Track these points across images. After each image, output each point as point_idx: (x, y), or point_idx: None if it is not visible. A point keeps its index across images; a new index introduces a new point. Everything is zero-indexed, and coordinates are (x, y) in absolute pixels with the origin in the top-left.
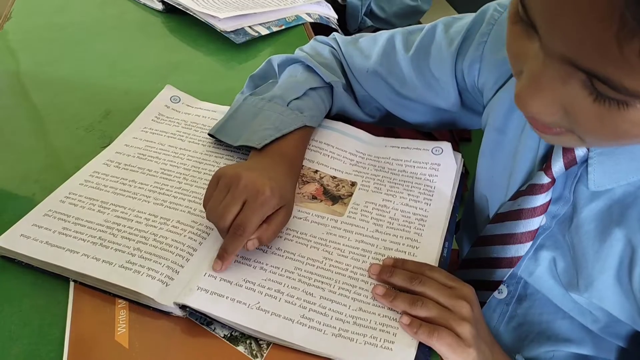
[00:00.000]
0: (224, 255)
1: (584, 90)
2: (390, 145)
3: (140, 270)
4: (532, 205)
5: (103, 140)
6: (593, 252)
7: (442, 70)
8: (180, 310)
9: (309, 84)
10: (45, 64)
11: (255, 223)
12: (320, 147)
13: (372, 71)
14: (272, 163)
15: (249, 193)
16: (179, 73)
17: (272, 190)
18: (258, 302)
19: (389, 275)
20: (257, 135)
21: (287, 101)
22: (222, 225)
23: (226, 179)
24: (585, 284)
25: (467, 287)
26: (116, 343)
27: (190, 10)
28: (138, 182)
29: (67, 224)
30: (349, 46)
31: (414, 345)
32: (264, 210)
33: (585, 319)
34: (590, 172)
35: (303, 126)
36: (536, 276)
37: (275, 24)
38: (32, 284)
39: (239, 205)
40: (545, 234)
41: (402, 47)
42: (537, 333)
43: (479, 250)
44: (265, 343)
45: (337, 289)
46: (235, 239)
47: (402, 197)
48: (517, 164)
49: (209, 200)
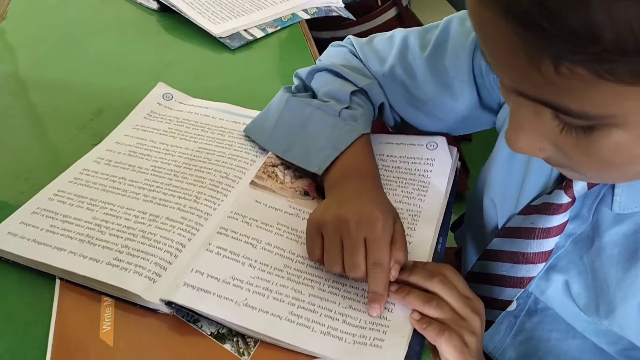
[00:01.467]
0: (377, 298)
1: (555, 121)
2: (385, 142)
3: (128, 267)
4: (547, 225)
5: (95, 139)
6: (616, 279)
7: (459, 67)
8: (166, 307)
9: (348, 89)
10: (39, 63)
11: (387, 254)
12: None
13: (389, 74)
14: (357, 187)
15: (366, 229)
16: (173, 71)
17: (381, 212)
18: (245, 298)
19: (408, 274)
20: (314, 157)
21: (338, 111)
22: (359, 275)
23: (331, 226)
24: (606, 310)
25: (480, 301)
26: (100, 341)
27: (185, 14)
28: (128, 180)
29: (54, 221)
30: (364, 48)
31: (404, 345)
32: (387, 236)
33: (600, 340)
34: (617, 193)
35: (360, 136)
36: (548, 295)
37: (271, 24)
38: (18, 281)
39: (363, 247)
40: (559, 254)
41: (417, 47)
42: (544, 351)
43: (486, 265)
44: (252, 340)
45: (326, 287)
46: (379, 277)
47: (396, 194)
48: (531, 174)
49: (316, 251)
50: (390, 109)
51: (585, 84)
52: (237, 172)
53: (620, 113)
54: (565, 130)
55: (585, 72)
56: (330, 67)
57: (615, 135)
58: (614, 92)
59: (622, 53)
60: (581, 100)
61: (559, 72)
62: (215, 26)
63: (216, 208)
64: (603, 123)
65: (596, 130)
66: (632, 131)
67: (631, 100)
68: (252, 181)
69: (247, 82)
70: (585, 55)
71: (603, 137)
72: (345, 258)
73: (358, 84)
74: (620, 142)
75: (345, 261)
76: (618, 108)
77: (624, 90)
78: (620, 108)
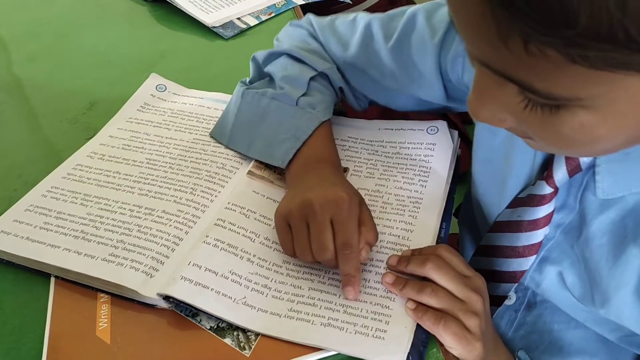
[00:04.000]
0: (350, 280)
1: (519, 96)
2: (384, 128)
3: (124, 263)
4: (534, 217)
5: (87, 133)
6: (607, 268)
7: (425, 63)
8: (164, 302)
9: (306, 74)
10: (29, 57)
11: (356, 233)
12: None
13: (351, 62)
14: (318, 174)
15: (331, 210)
16: (166, 62)
17: (346, 192)
18: (244, 296)
19: (405, 265)
20: (276, 150)
21: (295, 99)
22: (328, 257)
23: (297, 213)
24: (601, 300)
25: (480, 278)
26: (97, 338)
27: (177, 4)
28: (122, 174)
29: (48, 218)
30: (325, 31)
31: (407, 335)
32: (354, 215)
33: (601, 328)
34: (598, 180)
35: (321, 123)
36: (544, 288)
37: (264, 11)
38: (13, 280)
39: (330, 228)
40: (550, 245)
41: (381, 37)
42: (548, 343)
43: (480, 261)
44: (253, 334)
45: (326, 279)
46: (349, 259)
47: (396, 180)
48: (511, 168)
49: (289, 244)
50: (350, 92)
51: (554, 66)
52: (234, 162)
53: (587, 96)
54: (529, 107)
55: (555, 54)
56: (289, 51)
57: (581, 116)
58: (583, 77)
59: (595, 38)
60: (548, 81)
61: (527, 51)
62: (208, 15)
63: (213, 200)
64: (569, 104)
65: (562, 109)
66: (598, 113)
67: (599, 85)
68: (250, 171)
69: (242, 71)
70: (557, 38)
71: (568, 117)
72: (312, 242)
73: (317, 68)
74: (585, 122)
75: (313, 245)
76: (585, 91)
77: (592, 75)
78: (587, 91)
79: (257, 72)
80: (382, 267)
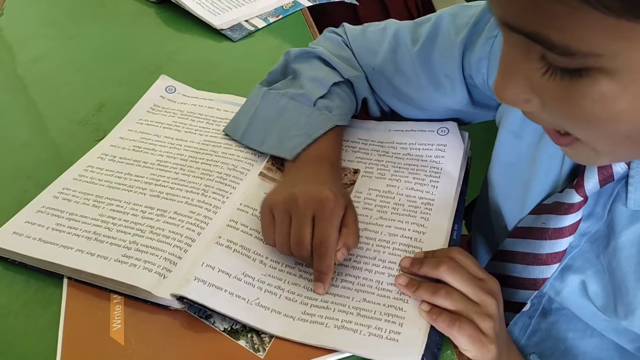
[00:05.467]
0: (321, 277)
1: (540, 63)
2: (394, 129)
3: (137, 264)
4: (560, 225)
5: (97, 134)
6: (635, 280)
7: (449, 66)
8: (178, 303)
9: (332, 79)
10: (38, 58)
11: (335, 234)
12: None
13: (379, 69)
14: (314, 170)
15: (314, 207)
16: (174, 63)
17: (332, 192)
18: (258, 297)
19: (418, 267)
20: (286, 144)
21: (313, 100)
22: (303, 253)
23: (281, 205)
24: (625, 311)
25: (494, 280)
26: (111, 339)
27: (185, 5)
28: (134, 175)
29: (60, 219)
30: (356, 38)
31: (421, 338)
32: (336, 216)
33: (620, 338)
34: (630, 190)
35: (334, 127)
36: (563, 296)
37: (272, 13)
38: (25, 282)
39: (310, 224)
40: (574, 253)
41: (409, 42)
42: (562, 351)
43: (498, 266)
44: (267, 336)
45: (339, 281)
46: (323, 257)
47: (407, 181)
48: (537, 173)
49: (271, 234)
50: (375, 102)
51: (569, 10)
52: (245, 164)
53: (605, 52)
54: (549, 73)
55: None
56: (321, 53)
57: (602, 84)
58: (599, 26)
59: None
60: (564, 32)
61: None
62: (216, 17)
63: (225, 201)
64: (588, 66)
65: (583, 77)
66: (620, 81)
67: (617, 39)
68: (261, 172)
69: (250, 72)
70: None
71: (589, 85)
72: (291, 235)
73: (344, 75)
74: (605, 92)
75: (291, 238)
76: (602, 46)
77: (609, 24)
78: (605, 46)
79: (283, 66)
80: (395, 269)
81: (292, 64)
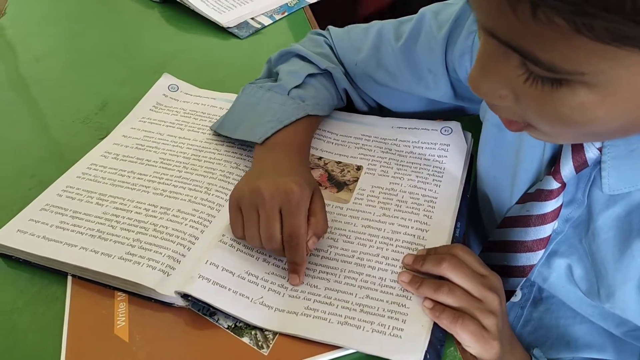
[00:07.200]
0: (295, 268)
1: (521, 69)
2: (397, 126)
3: (140, 261)
4: (542, 212)
5: (100, 133)
6: (613, 262)
7: (432, 60)
8: (182, 300)
9: (307, 70)
10: (41, 57)
11: (304, 224)
12: (323, 135)
13: (361, 65)
14: (279, 157)
15: (280, 200)
16: (177, 62)
17: (298, 184)
18: (261, 297)
19: (421, 264)
20: (257, 129)
21: (288, 89)
22: (274, 246)
23: (248, 199)
24: (606, 293)
25: (496, 276)
26: (115, 337)
27: (190, 4)
28: (137, 173)
29: (64, 217)
30: (340, 37)
31: (424, 334)
32: (303, 207)
33: (607, 323)
34: (604, 175)
35: (307, 116)
36: (551, 282)
37: (278, 10)
38: (30, 279)
39: (278, 218)
40: (559, 239)
41: (392, 38)
42: (555, 338)
43: (489, 257)
44: (271, 333)
45: (342, 278)
46: (295, 249)
47: (410, 179)
48: (522, 163)
49: (239, 228)
50: (359, 97)
51: (560, 36)
52: (248, 162)
53: (589, 71)
54: (530, 81)
55: (563, 22)
56: (298, 51)
57: (582, 95)
58: (587, 49)
59: (604, 8)
60: (552, 52)
61: (535, 18)
62: (221, 15)
63: (228, 199)
64: (570, 79)
65: (564, 86)
66: (600, 93)
67: (602, 60)
68: None
69: (255, 70)
70: (566, 5)
71: (569, 95)
72: (260, 230)
73: (320, 66)
74: (585, 102)
75: (261, 233)
76: (588, 66)
77: (597, 48)
78: (590, 66)
79: (267, 71)
80: (398, 266)
81: (274, 68)
